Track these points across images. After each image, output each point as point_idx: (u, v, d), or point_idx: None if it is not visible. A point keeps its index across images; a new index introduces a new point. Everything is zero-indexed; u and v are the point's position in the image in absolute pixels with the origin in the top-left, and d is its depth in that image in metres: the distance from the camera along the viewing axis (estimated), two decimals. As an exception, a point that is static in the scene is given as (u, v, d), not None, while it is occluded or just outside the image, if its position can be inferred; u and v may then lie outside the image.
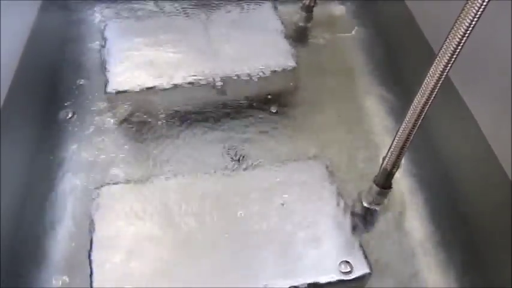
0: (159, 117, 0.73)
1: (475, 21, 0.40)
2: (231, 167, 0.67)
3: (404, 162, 0.59)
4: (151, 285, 0.54)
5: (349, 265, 0.56)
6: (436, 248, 0.60)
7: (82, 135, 0.70)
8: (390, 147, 0.55)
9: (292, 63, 0.82)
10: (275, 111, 0.75)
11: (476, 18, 0.40)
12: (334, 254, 0.57)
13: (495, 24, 0.63)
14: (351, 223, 0.61)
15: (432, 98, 0.48)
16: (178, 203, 0.62)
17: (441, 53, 0.44)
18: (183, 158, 0.68)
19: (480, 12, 0.40)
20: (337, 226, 0.60)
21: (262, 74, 0.80)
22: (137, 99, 0.76)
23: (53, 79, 0.78)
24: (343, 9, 0.95)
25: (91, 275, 0.55)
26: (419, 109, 0.49)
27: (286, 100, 0.78)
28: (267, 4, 0.94)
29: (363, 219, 0.62)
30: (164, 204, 0.61)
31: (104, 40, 0.85)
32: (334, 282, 0.55)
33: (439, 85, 0.46)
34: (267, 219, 0.60)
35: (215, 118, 0.74)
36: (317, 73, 0.82)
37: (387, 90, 0.80)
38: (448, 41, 0.43)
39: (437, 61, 0.45)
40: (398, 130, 0.53)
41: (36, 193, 0.63)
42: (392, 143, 0.55)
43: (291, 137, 0.72)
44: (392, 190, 0.61)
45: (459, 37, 0.42)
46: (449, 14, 0.45)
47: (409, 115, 0.50)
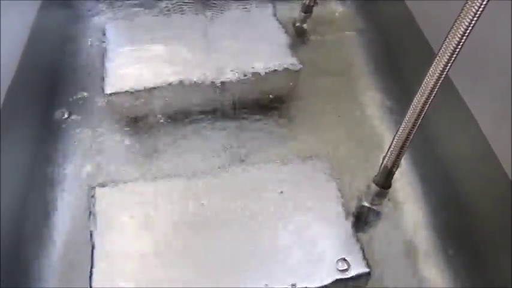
0: (159, 117, 0.73)
1: (475, 20, 0.41)
2: (231, 167, 0.67)
3: (404, 161, 0.59)
4: (151, 285, 0.54)
5: (348, 264, 0.57)
6: (436, 248, 0.60)
7: (82, 135, 0.70)
8: (390, 146, 0.55)
9: (292, 62, 0.82)
10: (275, 110, 0.76)
11: (475, 17, 0.40)
12: (334, 254, 0.57)
13: (495, 24, 0.63)
14: (351, 222, 0.61)
15: (432, 98, 0.48)
16: (178, 203, 0.62)
17: (441, 53, 0.44)
18: (183, 158, 0.68)
19: (480, 12, 0.40)
20: (337, 225, 0.60)
21: (262, 74, 0.80)
22: (136, 99, 0.76)
23: (53, 79, 0.78)
24: (343, 9, 0.96)
25: (91, 275, 0.55)
26: (419, 109, 0.49)
27: (285, 99, 0.78)
28: (267, 4, 0.94)
29: (363, 218, 0.62)
30: (164, 203, 0.61)
31: (104, 40, 0.85)
32: (333, 281, 0.55)
33: (439, 85, 0.46)
34: (267, 218, 0.61)
35: (215, 118, 0.74)
36: (317, 73, 0.82)
37: (387, 89, 0.80)
38: (448, 41, 0.43)
39: (437, 61, 0.45)
40: (398, 129, 0.53)
41: (36, 193, 0.63)
42: (392, 143, 0.55)
43: (291, 137, 0.72)
44: (391, 190, 0.62)
45: (459, 37, 0.42)
46: (449, 14, 0.45)
47: (409, 115, 0.50)
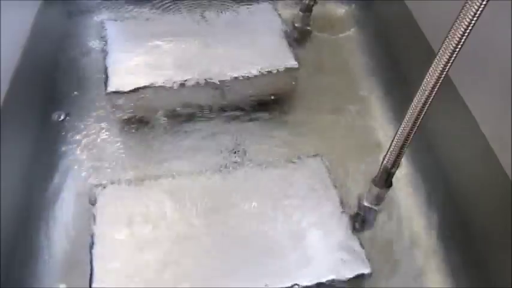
0: (159, 117, 0.73)
1: (475, 20, 0.40)
2: (231, 167, 0.67)
3: (404, 161, 0.59)
4: (151, 285, 0.54)
5: (348, 264, 0.56)
6: (436, 248, 0.60)
7: (82, 135, 0.70)
8: (390, 146, 0.55)
9: (292, 62, 0.82)
10: (275, 110, 0.76)
11: (475, 17, 0.40)
12: (334, 254, 0.57)
13: (495, 24, 0.63)
14: (351, 222, 0.61)
15: (432, 98, 0.48)
16: (178, 203, 0.62)
17: (441, 53, 0.44)
18: (183, 158, 0.68)
19: (479, 11, 0.40)
20: (337, 225, 0.60)
21: (261, 73, 0.80)
22: (137, 99, 0.76)
23: (53, 79, 0.78)
24: (343, 9, 0.96)
25: (91, 275, 0.55)
26: (419, 108, 0.49)
27: (286, 100, 0.78)
28: (267, 4, 0.94)
29: (363, 218, 0.62)
30: (164, 203, 0.61)
31: (104, 40, 0.85)
32: (334, 281, 0.55)
33: (439, 84, 0.46)
34: (267, 218, 0.61)
35: (215, 118, 0.74)
36: (317, 73, 0.82)
37: (387, 89, 0.80)
38: (448, 41, 0.43)
39: (437, 60, 0.45)
40: (398, 129, 0.53)
41: (35, 193, 0.63)
42: (392, 143, 0.55)
43: (291, 137, 0.72)
44: (392, 190, 0.61)
45: (459, 36, 0.42)
46: (449, 14, 0.45)
47: (409, 114, 0.50)
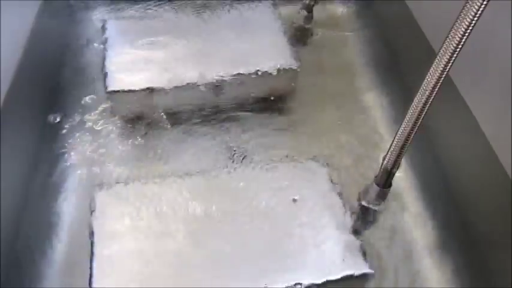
0: (159, 117, 0.73)
1: (475, 20, 0.40)
2: (231, 167, 0.67)
3: (404, 161, 0.59)
4: (151, 285, 0.54)
5: (349, 264, 0.56)
6: (436, 248, 0.60)
7: (82, 135, 0.70)
8: (390, 146, 0.55)
9: (292, 62, 0.82)
10: (275, 110, 0.75)
11: (476, 18, 0.40)
12: (334, 254, 0.57)
13: (495, 24, 0.63)
14: (351, 223, 0.61)
15: (432, 98, 0.48)
16: (178, 203, 0.62)
17: (441, 53, 0.44)
18: (183, 158, 0.68)
19: (480, 12, 0.40)
20: (337, 226, 0.60)
21: (262, 74, 0.80)
22: (137, 99, 0.76)
23: (53, 79, 0.78)
24: (343, 8, 0.95)
25: (91, 275, 0.55)
26: (419, 109, 0.49)
27: (286, 100, 0.78)
28: (267, 4, 0.94)
29: (363, 218, 0.62)
30: (164, 204, 0.61)
31: (104, 40, 0.85)
32: (334, 281, 0.55)
33: (440, 84, 0.46)
34: (267, 218, 0.60)
35: (215, 118, 0.74)
36: (317, 73, 0.82)
37: (387, 89, 0.80)
38: (448, 41, 0.43)
39: (437, 60, 0.45)
40: (398, 130, 0.53)
41: (36, 193, 0.63)
42: (392, 143, 0.55)
43: (291, 137, 0.72)
44: (392, 190, 0.62)
45: (459, 36, 0.42)
46: (449, 14, 0.45)
47: (409, 115, 0.50)
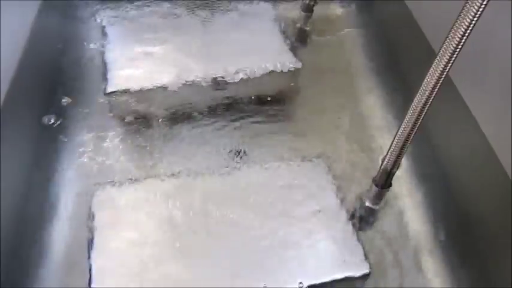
0: (159, 117, 0.73)
1: (475, 21, 0.40)
2: (231, 167, 0.67)
3: (404, 161, 0.59)
4: (151, 285, 0.54)
5: (348, 264, 0.56)
6: (436, 248, 0.60)
7: (82, 135, 0.70)
8: (390, 146, 0.55)
9: (292, 63, 0.82)
10: (275, 110, 0.75)
11: (476, 18, 0.40)
12: (333, 254, 0.57)
13: (495, 24, 0.63)
14: (351, 222, 0.61)
15: (432, 98, 0.48)
16: (178, 203, 0.62)
17: (441, 53, 0.44)
18: (183, 158, 0.68)
19: (480, 12, 0.40)
20: (337, 225, 0.60)
21: (262, 74, 0.80)
22: (137, 99, 0.76)
23: (53, 79, 0.78)
24: (343, 8, 0.95)
25: (90, 275, 0.55)
26: (419, 109, 0.49)
27: (286, 100, 0.78)
28: (267, 4, 0.94)
29: (363, 218, 0.62)
30: (164, 204, 0.61)
31: (104, 40, 0.85)
32: (333, 281, 0.55)
33: (439, 85, 0.46)
34: (267, 218, 0.60)
35: (215, 118, 0.74)
36: (317, 73, 0.82)
37: (387, 89, 0.80)
38: (448, 41, 0.43)
39: (437, 61, 0.45)
40: (398, 130, 0.53)
41: (36, 193, 0.63)
42: (392, 143, 0.55)
43: (292, 137, 0.72)
44: (392, 190, 0.62)
45: (459, 37, 0.42)
46: (449, 14, 0.45)
47: (409, 115, 0.50)
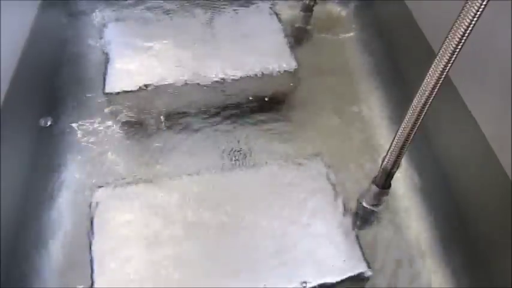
0: (159, 117, 0.73)
1: (475, 21, 0.40)
2: (231, 167, 0.67)
3: (404, 161, 0.59)
4: (151, 285, 0.54)
5: (348, 265, 0.56)
6: (436, 248, 0.60)
7: (81, 135, 0.70)
8: (390, 147, 0.55)
9: (292, 63, 0.82)
10: (275, 110, 0.76)
11: (476, 18, 0.40)
12: (333, 254, 0.57)
13: (495, 24, 0.63)
14: (351, 223, 0.61)
15: (432, 98, 0.48)
16: (178, 203, 0.62)
17: (441, 53, 0.44)
18: (183, 158, 0.68)
19: (480, 12, 0.40)
20: (336, 226, 0.60)
21: (262, 74, 0.80)
22: (136, 99, 0.76)
23: (53, 79, 0.78)
24: (343, 9, 0.95)
25: (91, 275, 0.55)
26: (419, 109, 0.49)
27: (286, 99, 0.78)
28: (267, 4, 0.94)
29: (363, 219, 0.62)
30: (164, 204, 0.61)
31: (103, 40, 0.85)
32: (333, 282, 0.55)
33: (439, 85, 0.46)
34: (267, 218, 0.60)
35: (215, 118, 0.74)
36: (317, 73, 0.82)
37: (387, 90, 0.80)
38: (448, 41, 0.43)
39: (437, 61, 0.45)
40: (398, 130, 0.53)
41: (36, 193, 0.63)
42: (392, 143, 0.55)
43: (291, 137, 0.72)
44: (392, 190, 0.61)
45: (459, 37, 0.42)
46: (449, 14, 0.45)
47: (409, 115, 0.50)
